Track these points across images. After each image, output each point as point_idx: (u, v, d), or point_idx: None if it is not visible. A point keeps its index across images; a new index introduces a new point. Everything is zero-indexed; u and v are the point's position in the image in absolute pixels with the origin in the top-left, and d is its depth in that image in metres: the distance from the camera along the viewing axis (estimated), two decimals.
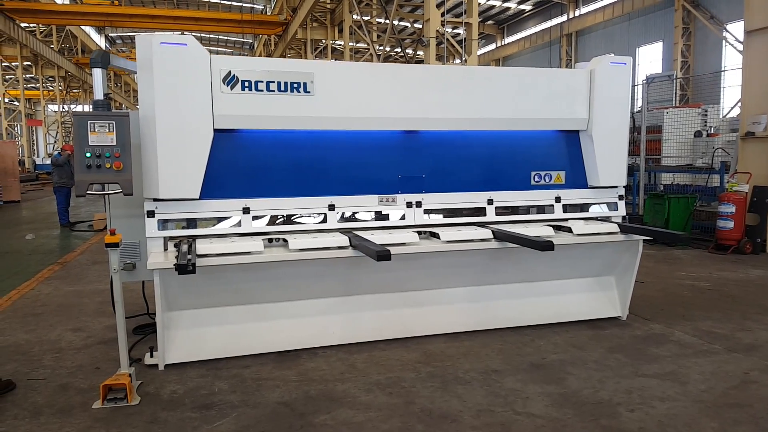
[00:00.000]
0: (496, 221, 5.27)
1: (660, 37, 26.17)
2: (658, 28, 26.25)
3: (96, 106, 4.09)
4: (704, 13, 23.77)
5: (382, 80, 4.75)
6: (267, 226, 4.67)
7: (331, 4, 29.96)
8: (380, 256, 3.91)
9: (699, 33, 24.40)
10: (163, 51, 4.14)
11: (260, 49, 43.17)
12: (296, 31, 29.13)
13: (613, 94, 5.35)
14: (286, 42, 31.70)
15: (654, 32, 26.54)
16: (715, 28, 23.15)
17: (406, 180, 5.02)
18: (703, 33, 24.08)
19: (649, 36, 26.89)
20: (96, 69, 4.11)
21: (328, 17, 30.93)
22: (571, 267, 5.53)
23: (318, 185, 4.80)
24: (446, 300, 5.19)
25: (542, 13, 34.26)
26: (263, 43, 40.79)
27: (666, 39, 25.69)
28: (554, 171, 5.50)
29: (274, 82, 4.46)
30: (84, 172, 3.90)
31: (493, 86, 5.05)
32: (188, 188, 4.32)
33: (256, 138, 4.64)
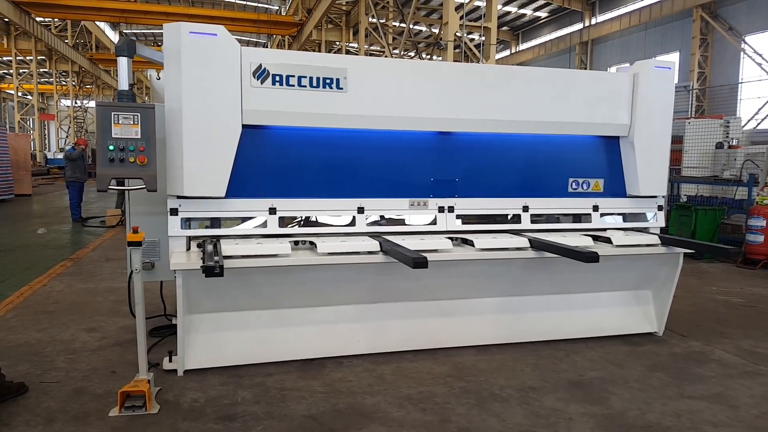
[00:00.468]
0: (530, 229, 5.03)
1: (677, 47, 25.86)
2: (675, 38, 25.96)
3: (120, 96, 3.89)
4: (723, 24, 23.47)
5: (419, 78, 4.53)
6: (293, 227, 4.45)
7: (347, 6, 29.82)
8: (416, 263, 3.69)
9: (717, 44, 24.08)
10: (192, 41, 3.94)
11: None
12: (311, 33, 28.98)
13: (656, 100, 5.11)
14: (300, 43, 31.58)
15: (671, 42, 26.23)
16: (734, 39, 22.84)
17: (438, 183, 4.79)
18: (721, 44, 23.76)
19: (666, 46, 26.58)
20: (122, 57, 3.90)
21: (344, 19, 30.80)
22: (607, 280, 5.28)
23: (347, 186, 4.58)
24: (477, 310, 4.95)
25: (558, 20, 33.97)
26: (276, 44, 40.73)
27: (683, 49, 25.37)
28: (592, 178, 5.25)
29: (306, 77, 4.25)
30: (106, 166, 3.69)
31: (533, 87, 4.82)
32: (214, 186, 4.11)
33: (284, 135, 4.42)
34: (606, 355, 4.86)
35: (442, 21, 17.08)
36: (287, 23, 31.24)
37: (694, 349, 5.08)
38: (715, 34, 23.81)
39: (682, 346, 5.14)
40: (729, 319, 6.13)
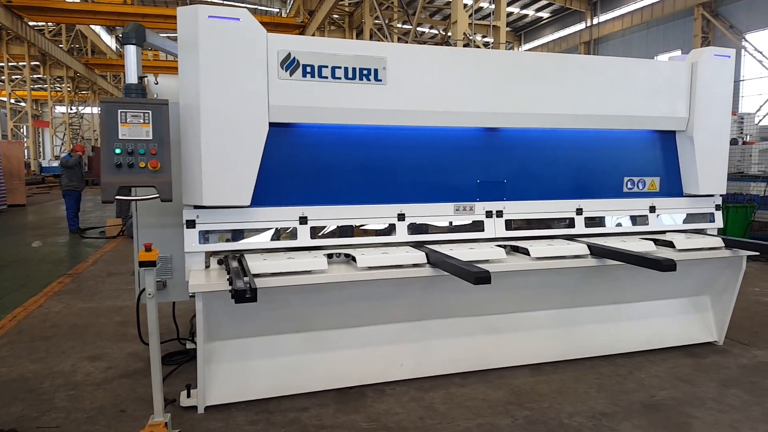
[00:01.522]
0: (584, 234, 4.54)
1: (678, 45, 25.58)
2: (677, 36, 25.73)
3: (128, 91, 3.37)
4: (723, 23, 23.25)
5: (464, 68, 4.03)
6: (326, 238, 3.94)
7: (350, 8, 29.35)
8: (478, 278, 3.18)
9: (718, 42, 23.81)
10: (211, 26, 3.42)
11: None
12: (313, 34, 28.47)
13: (716, 91, 4.64)
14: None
15: (672, 41, 25.97)
16: (735, 37, 22.58)
17: (485, 185, 4.29)
18: (722, 42, 23.47)
19: (668, 44, 26.29)
20: (129, 46, 3.39)
21: (347, 20, 30.33)
22: (665, 286, 4.79)
23: (386, 190, 4.07)
24: (529, 325, 4.44)
25: (560, 20, 33.62)
26: None
27: (684, 47, 25.07)
28: (648, 177, 4.77)
29: (340, 68, 3.74)
30: (112, 173, 3.17)
31: (588, 78, 4.33)
32: (238, 194, 3.59)
33: (315, 134, 3.91)
34: (671, 370, 4.37)
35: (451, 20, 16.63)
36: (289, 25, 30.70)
37: (761, 359, 4.61)
38: (716, 32, 23.56)
39: (747, 357, 4.67)
40: None
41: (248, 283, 2.97)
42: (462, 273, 3.29)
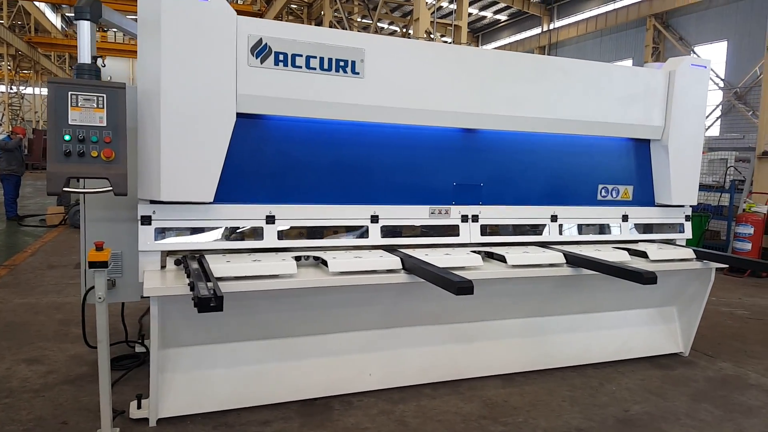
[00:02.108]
0: (558, 241, 4.44)
1: (630, 54, 26.31)
2: (629, 45, 26.46)
3: (80, 71, 3.04)
4: (674, 34, 24.07)
5: (445, 65, 3.84)
6: (293, 239, 3.68)
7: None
8: (461, 289, 3.00)
9: (668, 53, 24.62)
10: (175, 5, 3.11)
11: None
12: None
13: (692, 101, 4.61)
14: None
15: (625, 50, 26.70)
16: (684, 49, 23.39)
17: (461, 188, 4.12)
18: (672, 53, 24.26)
19: (620, 53, 27.01)
20: (82, 22, 3.04)
21: (306, 11, 29.81)
22: (634, 296, 4.75)
23: (359, 190, 3.85)
24: (500, 334, 4.31)
25: (517, 24, 34.01)
26: None
27: (636, 57, 25.84)
28: (622, 185, 4.71)
29: (315, 58, 3.48)
30: (60, 161, 2.84)
31: (568, 81, 4.21)
32: (200, 189, 3.29)
33: (285, 127, 3.64)
34: (641, 382, 4.32)
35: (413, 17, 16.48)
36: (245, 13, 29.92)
37: (727, 372, 4.62)
38: (667, 43, 24.35)
39: (713, 369, 4.68)
40: (744, 334, 5.74)
41: (212, 290, 2.70)
42: (443, 282, 3.11)
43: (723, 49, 22.11)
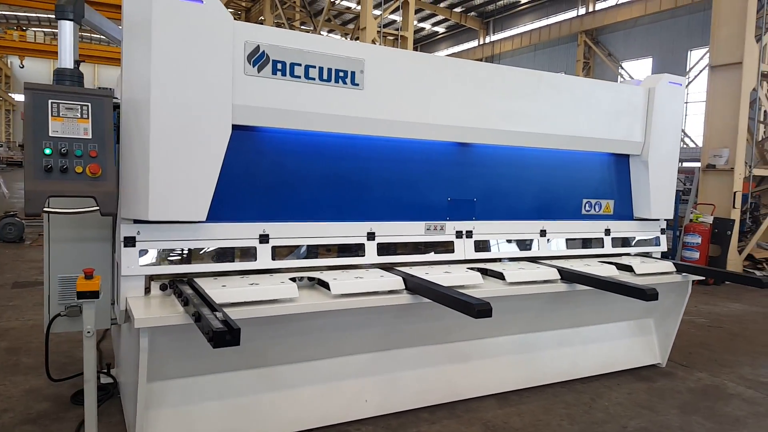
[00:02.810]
0: (548, 256, 4.41)
1: (562, 68, 27.32)
2: (561, 60, 27.49)
3: (61, 77, 2.71)
4: (603, 50, 25.23)
5: (442, 78, 3.73)
6: (288, 259, 3.45)
7: (247, 2, 28.27)
8: (480, 312, 2.87)
9: (598, 68, 25.80)
10: (168, 7, 2.83)
11: None
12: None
13: (669, 118, 4.72)
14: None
15: (557, 64, 27.71)
16: (613, 64, 24.57)
17: (455, 203, 4.01)
18: (601, 68, 25.46)
19: (553, 67, 27.99)
20: (64, 22, 2.72)
21: (243, 15, 29.22)
22: (616, 309, 4.79)
23: (355, 206, 3.66)
24: (493, 352, 4.22)
25: (455, 36, 34.65)
26: None
27: (567, 71, 26.89)
28: (604, 200, 4.75)
29: (315, 68, 3.28)
30: (40, 178, 2.51)
31: (558, 97, 4.20)
32: (193, 207, 3.01)
33: (280, 140, 3.42)
34: (629, 396, 4.34)
35: (359, 26, 16.42)
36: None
37: (706, 383, 4.73)
38: (596, 58, 25.50)
39: (692, 380, 4.78)
40: (709, 342, 5.94)
41: (224, 320, 2.43)
42: (459, 305, 2.97)
43: (649, 65, 23.34)
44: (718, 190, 9.53)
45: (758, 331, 6.53)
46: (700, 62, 20.06)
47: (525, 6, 29.05)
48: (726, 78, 9.37)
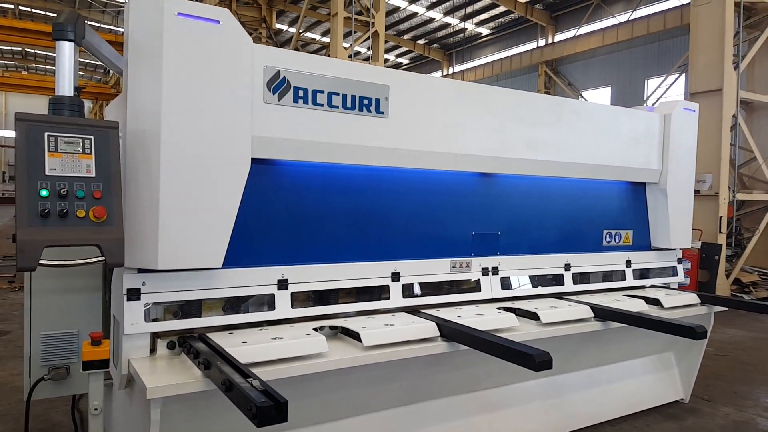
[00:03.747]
0: (574, 291, 4.16)
1: None
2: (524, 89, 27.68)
3: (59, 106, 2.33)
4: (563, 80, 25.83)
5: (468, 105, 3.48)
6: (304, 304, 3.09)
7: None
8: (541, 363, 2.57)
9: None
10: (181, 28, 2.51)
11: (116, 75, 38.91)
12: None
13: (685, 144, 4.59)
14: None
15: None
16: (573, 93, 25.17)
17: (480, 238, 3.73)
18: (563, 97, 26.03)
19: None
20: (63, 42, 2.35)
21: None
22: (638, 344, 4.56)
23: (378, 244, 3.34)
24: (522, 398, 3.90)
25: (418, 67, 34.77)
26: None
27: None
28: (623, 230, 4.54)
29: (338, 95, 2.99)
30: (34, 225, 2.11)
31: (580, 125, 4.01)
32: (209, 251, 2.63)
33: (299, 174, 3.08)
34: None
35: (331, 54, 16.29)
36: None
37: (735, 418, 4.52)
38: (557, 88, 26.06)
39: (720, 416, 4.57)
40: (722, 373, 5.77)
41: (265, 390, 2.05)
42: (513, 356, 2.66)
43: (608, 94, 23.97)
44: (703, 215, 9.54)
45: (764, 358, 6.41)
46: (657, 90, 20.71)
47: (487, 38, 29.61)
48: (706, 105, 9.45)
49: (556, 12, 27.16)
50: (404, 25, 28.73)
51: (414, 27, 29.17)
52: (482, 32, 29.36)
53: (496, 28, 29.62)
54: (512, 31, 29.08)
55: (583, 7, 25.72)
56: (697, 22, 9.65)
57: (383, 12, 15.10)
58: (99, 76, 46.45)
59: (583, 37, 24.27)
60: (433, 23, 28.64)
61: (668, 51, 24.25)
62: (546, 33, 27.44)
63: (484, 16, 27.98)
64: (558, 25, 27.52)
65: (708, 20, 9.40)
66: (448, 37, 30.28)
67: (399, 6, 25.56)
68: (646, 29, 22.14)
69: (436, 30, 29.65)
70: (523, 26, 28.32)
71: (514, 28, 28.98)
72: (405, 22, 28.42)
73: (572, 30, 26.23)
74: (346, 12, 12.76)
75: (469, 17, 27.02)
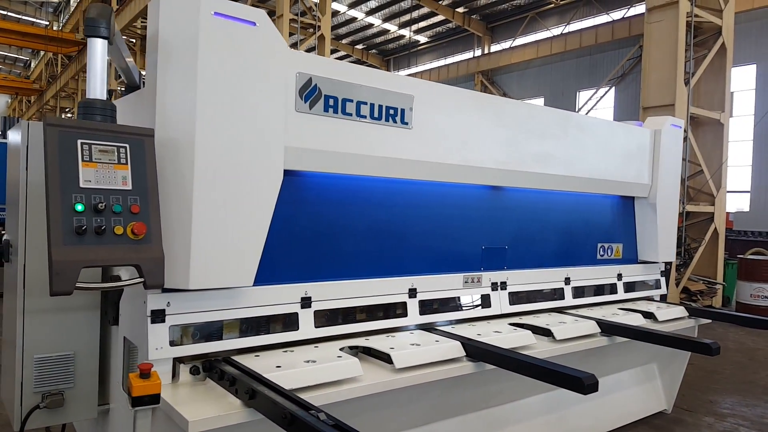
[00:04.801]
0: (573, 305, 4.19)
1: None
2: None
3: (90, 110, 2.11)
4: (498, 90, 26.55)
5: (483, 116, 3.44)
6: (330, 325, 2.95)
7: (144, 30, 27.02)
8: (590, 386, 2.55)
9: None
10: (218, 29, 2.33)
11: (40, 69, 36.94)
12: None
13: (673, 159, 4.74)
14: (81, 64, 27.83)
15: None
16: None
17: (489, 252, 3.70)
18: None
19: None
20: (96, 40, 2.13)
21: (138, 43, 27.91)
22: (627, 357, 4.64)
23: (395, 260, 3.24)
24: (527, 414, 3.88)
25: None
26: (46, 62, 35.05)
27: None
28: (615, 243, 4.63)
29: (366, 104, 2.87)
30: (70, 243, 1.90)
31: (583, 138, 4.05)
32: (241, 269, 2.46)
33: (321, 186, 2.94)
34: None
35: None
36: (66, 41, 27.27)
37: (719, 428, 4.68)
38: None
39: (704, 425, 4.72)
40: (692, 382, 5.95)
41: (336, 424, 1.90)
42: (562, 379, 2.62)
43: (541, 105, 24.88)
44: None
45: (726, 364, 6.69)
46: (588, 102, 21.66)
47: (425, 46, 30.02)
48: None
49: (492, 23, 27.89)
50: (343, 29, 28.79)
51: (353, 32, 29.27)
52: (420, 40, 29.72)
53: (434, 37, 30.10)
54: (450, 40, 29.62)
55: (519, 20, 26.61)
56: (650, 40, 10.07)
57: (329, 15, 14.97)
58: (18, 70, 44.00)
59: (518, 48, 25.03)
60: (372, 29, 28.75)
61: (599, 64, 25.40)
62: (482, 43, 28.07)
63: (423, 24, 28.37)
64: (494, 36, 28.27)
65: (660, 38, 9.83)
66: (387, 43, 30.50)
67: (338, 10, 25.52)
68: (579, 43, 23.07)
69: (374, 36, 29.83)
70: (460, 35, 28.89)
71: (451, 37, 29.53)
72: (343, 26, 28.48)
73: (508, 41, 27.02)
74: (291, 14, 12.50)
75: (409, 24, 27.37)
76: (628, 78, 24.41)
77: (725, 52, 10.49)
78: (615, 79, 24.70)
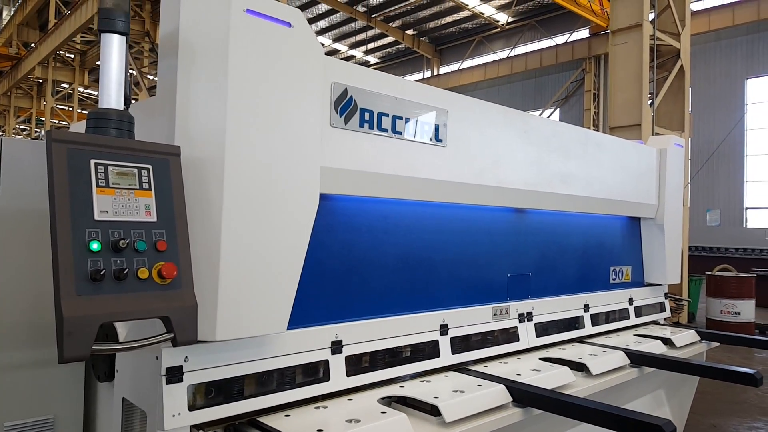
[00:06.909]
0: (593, 333, 3.96)
1: None
2: None
3: (102, 123, 1.68)
4: None
5: (512, 134, 3.18)
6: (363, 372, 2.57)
7: (83, 46, 25.96)
8: None
9: None
10: (250, 28, 1.95)
11: None
12: (34, 68, 24.32)
13: (677, 180, 4.63)
14: (15, 79, 26.46)
15: None
16: None
17: (514, 280, 3.41)
18: None
19: None
20: (111, 35, 1.71)
21: (78, 59, 26.80)
22: (639, 385, 4.43)
23: (425, 292, 2.90)
24: None
25: None
26: None
27: None
28: (625, 266, 4.45)
29: (402, 119, 2.54)
30: (84, 293, 1.46)
31: (601, 157, 3.86)
32: (274, 313, 2.06)
33: (350, 212, 2.58)
34: None
35: None
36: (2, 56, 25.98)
37: None
38: None
39: None
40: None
41: None
42: (639, 428, 2.32)
43: None
44: None
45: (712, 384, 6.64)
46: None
47: (375, 66, 30.24)
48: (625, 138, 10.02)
49: (441, 45, 28.40)
50: None
51: None
52: (370, 60, 29.84)
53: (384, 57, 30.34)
54: (400, 61, 29.94)
55: (466, 43, 27.25)
56: (615, 61, 10.24)
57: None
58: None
59: (466, 70, 25.51)
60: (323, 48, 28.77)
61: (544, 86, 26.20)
62: (432, 65, 28.48)
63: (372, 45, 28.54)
64: (443, 58, 28.77)
65: (626, 59, 9.99)
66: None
67: None
68: (525, 66, 23.78)
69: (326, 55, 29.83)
70: (410, 57, 29.28)
71: (402, 59, 29.88)
72: None
73: (456, 63, 27.47)
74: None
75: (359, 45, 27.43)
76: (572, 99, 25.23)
77: (683, 74, 10.78)
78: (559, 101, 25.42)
